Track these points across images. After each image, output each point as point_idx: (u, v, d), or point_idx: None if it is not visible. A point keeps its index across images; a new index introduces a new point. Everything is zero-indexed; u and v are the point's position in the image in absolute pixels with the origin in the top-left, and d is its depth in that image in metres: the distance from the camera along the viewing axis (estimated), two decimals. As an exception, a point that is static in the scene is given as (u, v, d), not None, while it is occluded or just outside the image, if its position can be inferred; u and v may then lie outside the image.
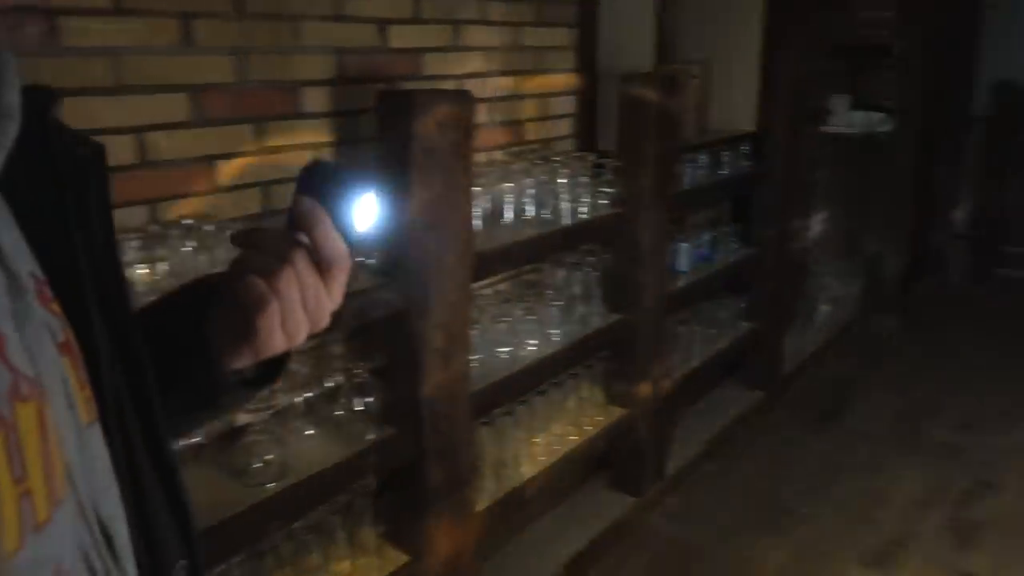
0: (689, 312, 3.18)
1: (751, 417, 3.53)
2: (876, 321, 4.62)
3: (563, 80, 2.74)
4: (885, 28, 4.46)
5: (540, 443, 2.44)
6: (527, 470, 2.36)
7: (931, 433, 3.44)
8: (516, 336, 2.30)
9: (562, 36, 2.69)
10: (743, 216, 3.57)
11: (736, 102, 3.36)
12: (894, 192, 4.77)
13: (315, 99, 1.92)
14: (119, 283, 0.60)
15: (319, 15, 1.92)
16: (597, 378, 2.71)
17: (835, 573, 2.58)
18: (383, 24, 2.06)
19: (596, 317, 2.60)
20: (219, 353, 0.66)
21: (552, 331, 2.42)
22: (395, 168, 1.79)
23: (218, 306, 0.66)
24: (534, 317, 2.37)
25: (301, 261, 0.63)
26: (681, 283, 3.02)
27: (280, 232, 0.64)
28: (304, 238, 0.64)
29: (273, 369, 0.71)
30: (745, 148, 3.36)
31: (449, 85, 2.27)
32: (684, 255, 3.08)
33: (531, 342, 2.33)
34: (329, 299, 0.66)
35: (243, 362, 0.67)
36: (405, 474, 1.95)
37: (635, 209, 2.62)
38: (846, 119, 4.48)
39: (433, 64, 2.22)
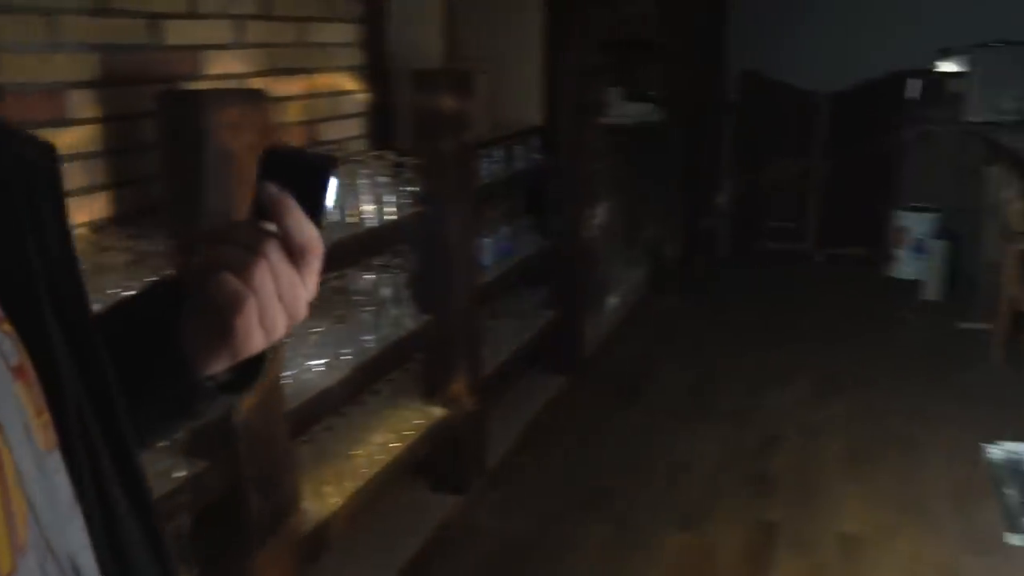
0: (496, 306, 3.21)
1: (560, 402, 3.64)
2: (661, 300, 4.93)
3: (352, 78, 2.65)
4: (647, 23, 4.75)
5: (362, 455, 2.35)
6: (350, 485, 2.26)
7: (721, 398, 3.72)
8: (329, 347, 2.19)
9: (349, 32, 2.60)
10: (537, 208, 3.66)
11: (523, 97, 3.43)
12: (667, 177, 5.10)
13: (82, 103, 1.71)
14: (78, 293, 0.55)
15: (76, 8, 1.71)
16: (414, 381, 2.66)
17: (654, 541, 2.71)
18: (155, 19, 1.88)
19: (408, 319, 2.55)
20: (193, 358, 0.62)
21: (365, 338, 2.34)
22: (185, 175, 1.63)
23: (189, 308, 0.61)
24: (345, 325, 2.27)
25: (274, 252, 0.59)
26: (487, 278, 3.03)
27: (247, 223, 0.60)
28: (273, 227, 0.59)
29: (251, 370, 0.66)
30: (535, 142, 3.44)
31: (233, 85, 2.11)
32: (487, 250, 3.10)
33: (345, 351, 2.24)
34: (305, 289, 0.62)
35: (220, 365, 0.63)
36: (222, 509, 1.80)
37: (439, 207, 2.60)
38: (620, 110, 4.72)
39: (215, 62, 2.06)
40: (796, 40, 5.68)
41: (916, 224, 5.29)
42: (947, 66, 5.29)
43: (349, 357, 2.23)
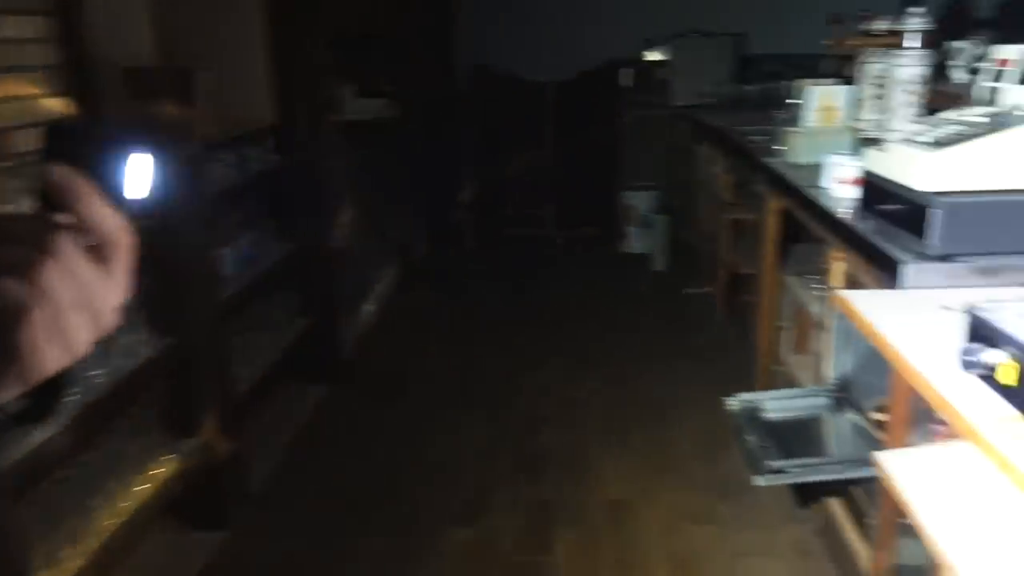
0: (244, 319, 2.99)
1: (324, 412, 3.49)
2: (413, 298, 4.91)
3: (46, 79, 2.32)
4: (376, 19, 4.68)
5: (104, 505, 2.07)
6: (93, 542, 1.99)
7: (484, 388, 3.76)
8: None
9: (37, 26, 2.27)
10: (278, 211, 3.47)
11: (252, 94, 3.22)
12: (408, 174, 5.07)
13: None
14: None
15: None
16: (158, 413, 2.39)
17: (436, 540, 2.67)
18: None
19: (143, 346, 2.29)
20: None
21: (93, 372, 2.06)
22: None
23: None
24: (67, 361, 1.98)
25: (66, 247, 0.49)
26: (230, 290, 2.81)
27: (31, 215, 0.50)
28: (65, 217, 0.50)
29: (48, 393, 0.54)
30: (269, 142, 3.24)
31: None
32: (227, 260, 2.87)
33: (71, 391, 1.95)
34: (113, 289, 0.52)
35: (8, 392, 0.51)
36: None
37: (166, 218, 2.35)
38: (355, 107, 4.60)
39: None
40: (520, 34, 5.89)
41: (640, 202, 5.72)
42: (653, 55, 5.75)
43: (76, 396, 1.96)
